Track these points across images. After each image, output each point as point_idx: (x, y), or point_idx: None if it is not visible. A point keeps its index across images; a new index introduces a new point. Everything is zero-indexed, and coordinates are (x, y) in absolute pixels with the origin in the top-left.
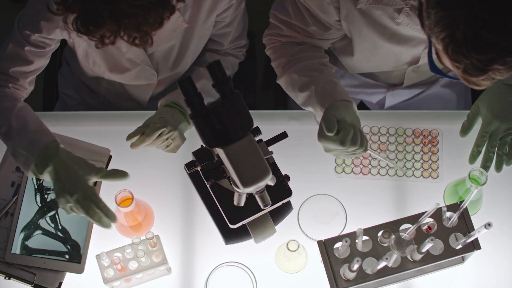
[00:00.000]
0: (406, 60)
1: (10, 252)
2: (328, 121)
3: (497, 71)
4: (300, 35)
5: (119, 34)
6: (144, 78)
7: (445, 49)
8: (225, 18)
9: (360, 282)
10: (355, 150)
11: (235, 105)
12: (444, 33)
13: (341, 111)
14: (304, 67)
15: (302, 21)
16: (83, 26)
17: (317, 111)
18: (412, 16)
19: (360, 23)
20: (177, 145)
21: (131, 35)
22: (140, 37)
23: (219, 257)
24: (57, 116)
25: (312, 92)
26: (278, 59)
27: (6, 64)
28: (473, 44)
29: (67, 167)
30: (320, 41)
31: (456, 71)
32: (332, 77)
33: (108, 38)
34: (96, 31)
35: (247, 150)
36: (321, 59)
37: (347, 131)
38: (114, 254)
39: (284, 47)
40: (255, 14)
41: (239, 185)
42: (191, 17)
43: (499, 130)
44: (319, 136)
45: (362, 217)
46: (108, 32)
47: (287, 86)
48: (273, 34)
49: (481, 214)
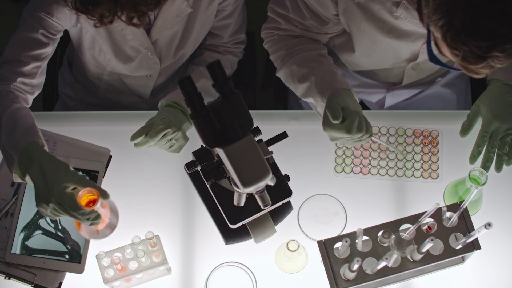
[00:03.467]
0: (405, 57)
1: (10, 252)
2: (333, 109)
3: (496, 59)
4: (297, 29)
5: (117, 13)
6: (146, 68)
7: (443, 36)
8: (226, 6)
9: (360, 282)
10: (361, 137)
11: (235, 105)
12: (443, 20)
13: (344, 99)
14: (303, 59)
15: (299, 15)
16: (82, 5)
17: (318, 101)
18: (410, 10)
19: (358, 17)
20: (180, 145)
21: (128, 14)
22: (138, 17)
23: (219, 257)
24: (57, 116)
25: (312, 83)
26: (276, 52)
27: (18, 49)
28: (472, 31)
29: (44, 173)
30: (318, 35)
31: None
32: (331, 67)
33: (106, 18)
34: (94, 9)
35: (247, 150)
36: (319, 50)
37: (352, 118)
38: (114, 254)
39: (282, 39)
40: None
41: (239, 185)
42: (194, 3)
43: (499, 130)
44: (324, 125)
45: (362, 217)
46: (106, 11)
47: (286, 78)
48: (271, 27)
49: (481, 214)
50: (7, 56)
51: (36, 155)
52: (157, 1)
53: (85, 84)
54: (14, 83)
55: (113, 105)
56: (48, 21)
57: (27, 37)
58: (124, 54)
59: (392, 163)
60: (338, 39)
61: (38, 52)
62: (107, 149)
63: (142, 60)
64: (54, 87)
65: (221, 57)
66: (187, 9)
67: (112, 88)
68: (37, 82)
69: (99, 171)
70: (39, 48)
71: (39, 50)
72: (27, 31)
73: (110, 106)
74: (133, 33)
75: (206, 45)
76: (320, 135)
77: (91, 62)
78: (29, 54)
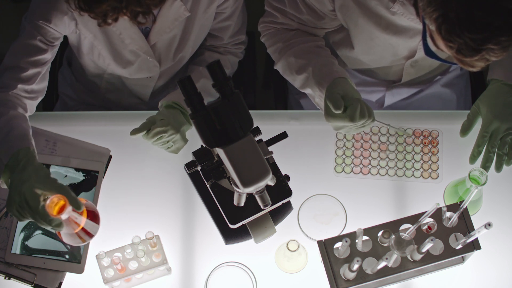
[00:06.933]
0: (403, 54)
1: (10, 252)
2: (334, 99)
3: (491, 51)
4: (294, 23)
5: (122, 10)
6: (146, 71)
7: (438, 29)
8: (225, 9)
9: (360, 282)
10: (364, 123)
11: (235, 105)
12: (437, 12)
13: (343, 87)
14: (300, 50)
15: (296, 10)
16: (85, 4)
17: (316, 92)
18: (407, 6)
19: (355, 13)
20: (178, 147)
21: (133, 10)
22: (143, 12)
23: (219, 257)
24: (57, 116)
25: (309, 74)
26: (274, 45)
27: (17, 56)
28: (466, 23)
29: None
30: (314, 29)
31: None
32: (329, 57)
33: (110, 17)
34: (98, 6)
35: (247, 150)
36: (317, 42)
37: (354, 106)
38: (114, 254)
39: (279, 33)
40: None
41: (239, 185)
42: (192, 6)
43: (499, 130)
44: (326, 116)
45: (362, 217)
46: (109, 8)
47: (284, 70)
48: (268, 21)
49: (481, 214)
50: (7, 64)
51: (23, 159)
52: None
53: (86, 84)
54: (14, 90)
55: (113, 106)
56: (46, 28)
57: (25, 44)
58: (123, 59)
59: (392, 163)
60: (337, 35)
61: (37, 58)
62: (107, 149)
63: (142, 63)
64: (54, 87)
65: (222, 57)
66: (185, 13)
67: (113, 87)
68: (38, 87)
69: (99, 171)
70: (38, 54)
71: (38, 56)
72: (26, 38)
73: (110, 107)
74: (131, 38)
75: (206, 46)
76: (320, 135)
77: (91, 65)
78: (28, 60)
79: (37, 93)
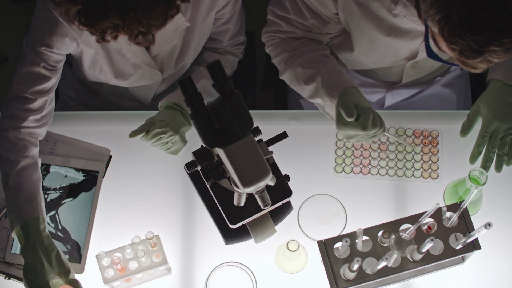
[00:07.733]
0: (404, 55)
1: (10, 252)
2: (347, 107)
3: (494, 53)
4: (299, 30)
5: (122, 28)
6: (148, 78)
7: (440, 31)
8: (224, 14)
9: (360, 282)
10: (375, 132)
11: (235, 105)
12: (440, 14)
13: (355, 96)
14: (307, 60)
15: (300, 16)
16: (86, 18)
17: (326, 102)
18: (409, 8)
19: (357, 15)
20: (177, 149)
21: (133, 31)
22: (143, 33)
23: (219, 257)
24: (57, 116)
25: (318, 84)
26: (279, 55)
27: (23, 86)
28: (469, 25)
29: (34, 258)
30: (319, 35)
31: (452, 54)
32: (336, 66)
33: (110, 34)
34: (99, 23)
35: (247, 150)
36: (322, 50)
37: (367, 115)
38: (114, 254)
39: (284, 42)
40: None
41: (239, 185)
42: (191, 16)
43: (499, 130)
44: (338, 124)
45: (362, 217)
46: (110, 26)
47: (291, 81)
48: (272, 30)
49: (481, 214)
50: (15, 93)
51: (32, 233)
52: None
53: (88, 85)
54: (25, 123)
55: (113, 108)
56: (48, 54)
57: (30, 73)
58: (125, 72)
59: (392, 163)
60: (336, 38)
61: (43, 87)
62: (107, 149)
63: (144, 73)
64: None
65: (221, 57)
66: (185, 24)
67: (115, 90)
68: (47, 112)
69: (99, 171)
70: (43, 82)
71: (44, 85)
72: (30, 66)
73: (111, 109)
74: (133, 52)
75: (206, 47)
76: (320, 135)
77: (92, 78)
78: (34, 90)
79: (47, 119)
